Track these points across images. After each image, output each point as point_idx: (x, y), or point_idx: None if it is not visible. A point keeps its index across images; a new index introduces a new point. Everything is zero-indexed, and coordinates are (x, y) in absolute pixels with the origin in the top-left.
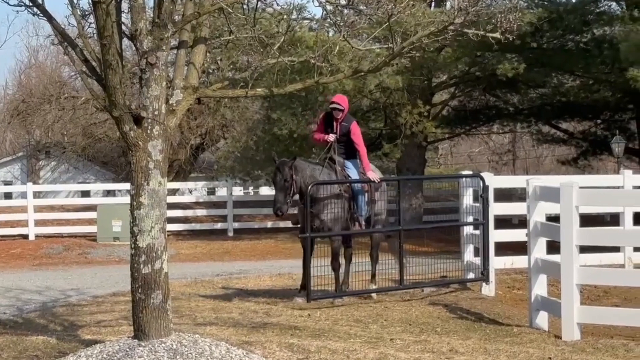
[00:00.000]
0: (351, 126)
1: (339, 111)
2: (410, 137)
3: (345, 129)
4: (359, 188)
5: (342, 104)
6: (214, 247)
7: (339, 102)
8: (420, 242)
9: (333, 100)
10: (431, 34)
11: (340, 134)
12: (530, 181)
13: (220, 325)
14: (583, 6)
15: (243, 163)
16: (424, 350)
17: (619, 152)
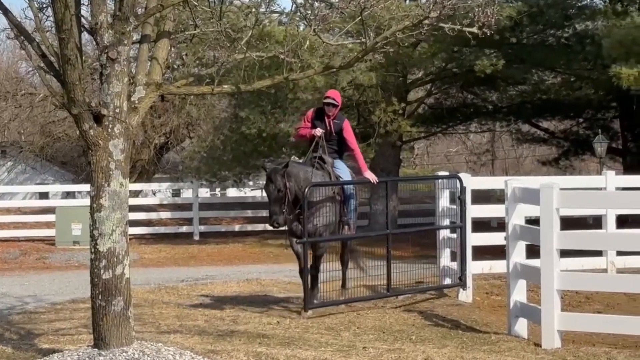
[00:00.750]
0: (344, 124)
1: (333, 107)
2: (384, 136)
3: (337, 126)
4: (351, 191)
5: (336, 99)
6: (178, 251)
7: (334, 97)
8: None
9: (327, 95)
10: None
11: (333, 132)
12: (509, 182)
13: (184, 333)
14: (564, 0)
15: (209, 163)
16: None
17: (601, 152)
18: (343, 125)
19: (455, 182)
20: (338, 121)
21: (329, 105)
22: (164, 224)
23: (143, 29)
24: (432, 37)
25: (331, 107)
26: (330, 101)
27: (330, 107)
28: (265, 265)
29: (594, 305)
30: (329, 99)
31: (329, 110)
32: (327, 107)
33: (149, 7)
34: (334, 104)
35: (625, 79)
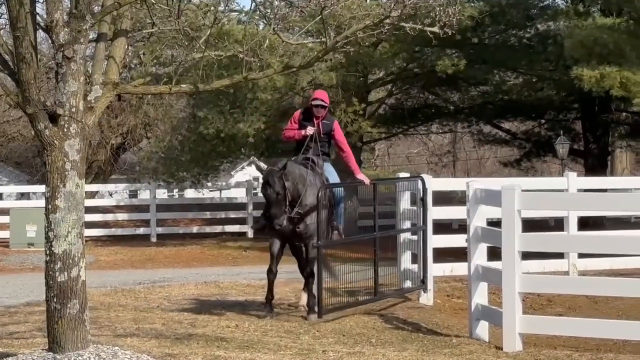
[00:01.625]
0: (334, 125)
1: (322, 108)
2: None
3: (327, 127)
4: (341, 195)
5: (325, 100)
6: (135, 253)
7: (323, 98)
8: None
9: (315, 96)
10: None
11: (322, 133)
12: (471, 184)
13: (141, 336)
14: (526, 0)
15: (167, 164)
16: None
17: (563, 153)
18: (333, 127)
19: (416, 184)
20: (327, 122)
21: (317, 107)
22: (121, 225)
23: (100, 27)
24: (393, 36)
25: (320, 108)
26: (319, 103)
27: (319, 108)
28: (224, 267)
29: (555, 307)
30: (318, 101)
31: (317, 111)
32: (316, 108)
33: (106, 5)
34: (324, 105)
35: (587, 81)
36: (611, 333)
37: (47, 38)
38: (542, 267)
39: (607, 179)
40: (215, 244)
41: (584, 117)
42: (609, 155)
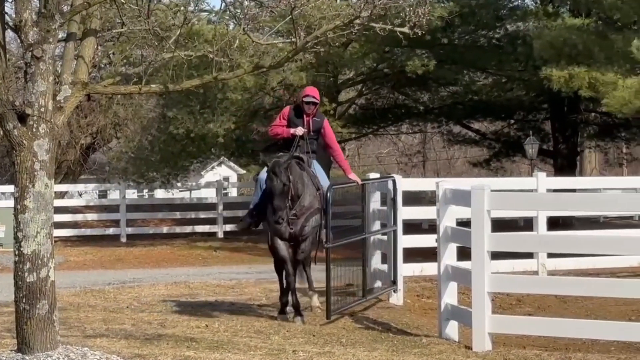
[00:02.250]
0: (324, 123)
1: (313, 105)
2: None
3: (317, 125)
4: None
5: (317, 97)
6: (105, 253)
7: (314, 95)
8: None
9: (307, 93)
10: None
11: (312, 131)
12: (441, 184)
13: (111, 337)
14: (496, 1)
15: (137, 164)
16: None
17: (532, 153)
18: (323, 124)
19: (386, 184)
20: (318, 119)
21: (309, 104)
22: (91, 225)
23: (69, 27)
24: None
25: (311, 105)
26: (311, 100)
27: (311, 105)
28: (194, 267)
29: (525, 307)
30: (310, 97)
31: (308, 108)
32: (308, 105)
33: (75, 5)
34: (315, 102)
35: (556, 81)
36: (580, 333)
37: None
38: (512, 266)
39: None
40: (185, 244)
41: (553, 118)
42: (578, 156)
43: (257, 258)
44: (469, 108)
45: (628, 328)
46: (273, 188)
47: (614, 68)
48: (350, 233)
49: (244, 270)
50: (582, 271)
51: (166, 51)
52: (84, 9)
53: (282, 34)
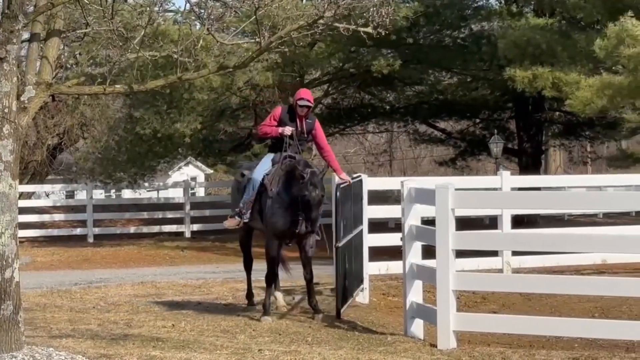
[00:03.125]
0: (316, 124)
1: (307, 108)
2: None
3: (309, 126)
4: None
5: (311, 100)
6: (72, 254)
7: (308, 98)
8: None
9: (301, 96)
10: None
11: (305, 132)
12: (405, 183)
13: (77, 337)
14: (460, 0)
15: (104, 164)
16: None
17: (497, 152)
18: (315, 126)
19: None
20: (310, 121)
21: (303, 107)
22: (58, 226)
23: (33, 27)
24: (329, 37)
25: (305, 108)
26: (306, 103)
27: (305, 108)
28: (161, 267)
29: (489, 305)
30: (304, 101)
31: (302, 111)
32: (302, 108)
33: (39, 5)
34: (309, 105)
35: (520, 82)
36: (544, 330)
37: None
38: (477, 265)
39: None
40: (152, 244)
41: (518, 117)
42: (542, 154)
43: (224, 257)
44: (434, 107)
45: (591, 325)
46: (312, 200)
47: (577, 67)
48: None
49: (211, 269)
50: (547, 269)
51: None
52: (48, 10)
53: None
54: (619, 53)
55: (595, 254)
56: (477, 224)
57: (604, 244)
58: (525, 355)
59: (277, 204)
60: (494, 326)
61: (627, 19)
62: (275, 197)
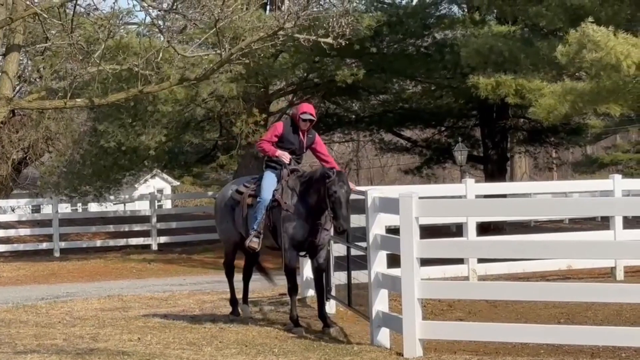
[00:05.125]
0: (316, 139)
1: (310, 123)
2: (246, 147)
3: (310, 141)
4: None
5: (314, 115)
6: (38, 268)
7: (311, 112)
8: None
9: (304, 110)
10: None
11: (306, 146)
12: (369, 192)
13: (42, 352)
14: (423, 9)
15: (69, 178)
16: None
17: (461, 160)
18: (315, 139)
19: None
20: (310, 135)
21: (306, 121)
22: (23, 241)
23: None
24: (292, 47)
25: (308, 122)
26: (309, 117)
27: (307, 122)
28: (128, 280)
29: (456, 312)
30: (307, 115)
31: (305, 125)
32: (305, 122)
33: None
34: (313, 119)
35: (483, 89)
36: (510, 336)
37: None
38: (443, 272)
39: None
40: (119, 257)
41: (483, 124)
42: (507, 161)
43: (191, 270)
44: (399, 116)
45: (557, 331)
46: (342, 195)
47: (539, 74)
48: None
49: (178, 282)
50: (513, 275)
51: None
52: (7, 25)
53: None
54: (581, 59)
55: (560, 260)
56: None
57: (569, 250)
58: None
59: (296, 215)
60: (460, 334)
61: (588, 24)
62: (292, 208)
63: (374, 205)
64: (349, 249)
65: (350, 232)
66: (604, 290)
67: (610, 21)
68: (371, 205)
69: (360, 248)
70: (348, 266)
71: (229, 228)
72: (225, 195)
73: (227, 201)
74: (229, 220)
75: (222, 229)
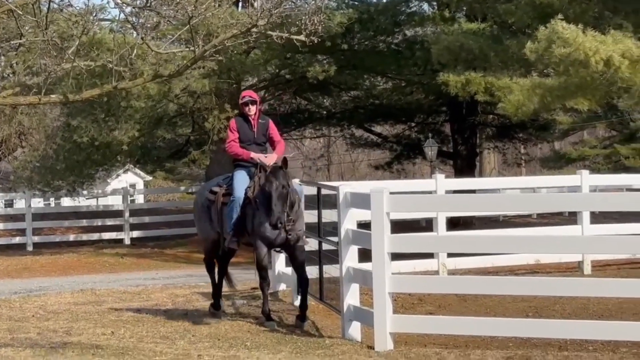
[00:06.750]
0: (269, 123)
1: (253, 105)
2: (218, 143)
3: (263, 127)
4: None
5: (253, 96)
6: (11, 263)
7: (250, 95)
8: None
9: (243, 95)
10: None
11: (260, 134)
12: (341, 188)
13: (16, 346)
14: (394, 6)
15: (42, 173)
16: None
17: (431, 155)
18: (269, 124)
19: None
20: (263, 121)
21: (247, 104)
22: None
23: None
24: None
25: (250, 105)
26: (248, 99)
27: (250, 105)
28: (101, 274)
29: (426, 306)
30: (246, 98)
31: (249, 109)
32: (247, 107)
33: None
34: (253, 100)
35: (453, 86)
36: (479, 330)
37: None
38: (413, 267)
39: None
40: (92, 251)
41: (453, 120)
42: (477, 157)
43: (163, 264)
44: (370, 112)
45: (525, 325)
46: (273, 191)
47: (509, 72)
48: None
49: (151, 276)
50: (482, 270)
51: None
52: None
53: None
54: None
55: (528, 254)
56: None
57: (537, 244)
58: (461, 355)
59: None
60: (430, 327)
61: (557, 21)
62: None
63: (346, 200)
64: (321, 243)
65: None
66: (572, 284)
67: (578, 19)
68: (343, 201)
69: (332, 242)
70: (320, 260)
71: (207, 227)
72: (202, 195)
73: (203, 201)
74: (206, 219)
75: (200, 228)
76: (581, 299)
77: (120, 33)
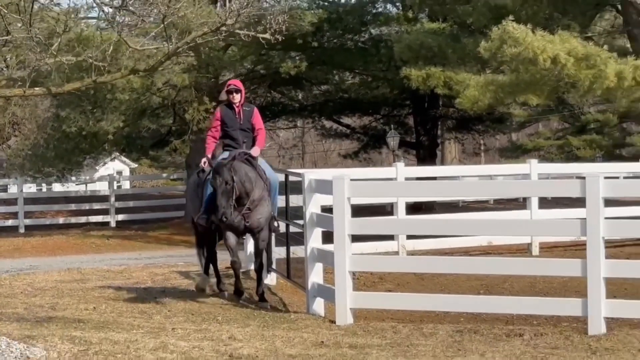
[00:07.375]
0: (254, 111)
1: (237, 93)
2: (197, 133)
3: (248, 114)
4: (276, 187)
5: (237, 85)
6: (3, 244)
7: (235, 83)
8: None
9: (228, 83)
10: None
11: (245, 120)
12: (306, 175)
13: (3, 320)
14: (361, 7)
15: (33, 160)
16: (204, 339)
17: (394, 145)
18: (253, 112)
19: None
20: (247, 109)
21: (231, 92)
22: None
23: None
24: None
25: (235, 93)
26: (232, 87)
27: (234, 93)
28: (88, 255)
29: (386, 285)
30: (231, 86)
31: (233, 98)
32: (231, 95)
33: None
34: (237, 89)
35: (415, 80)
36: (433, 306)
37: None
38: (375, 248)
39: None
40: (80, 233)
41: (416, 112)
42: (438, 147)
43: (146, 245)
44: (339, 105)
45: (476, 301)
46: (216, 187)
47: (466, 68)
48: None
49: (134, 256)
50: (439, 251)
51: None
52: None
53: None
54: (502, 54)
55: (482, 236)
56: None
57: (489, 227)
58: (415, 328)
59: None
60: (387, 303)
61: (508, 22)
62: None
63: (310, 186)
64: (288, 226)
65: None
66: (520, 264)
67: (530, 20)
68: (307, 187)
69: (298, 225)
70: (287, 242)
71: (195, 208)
72: (194, 176)
73: (193, 182)
74: (195, 199)
75: (190, 208)
76: (529, 278)
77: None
